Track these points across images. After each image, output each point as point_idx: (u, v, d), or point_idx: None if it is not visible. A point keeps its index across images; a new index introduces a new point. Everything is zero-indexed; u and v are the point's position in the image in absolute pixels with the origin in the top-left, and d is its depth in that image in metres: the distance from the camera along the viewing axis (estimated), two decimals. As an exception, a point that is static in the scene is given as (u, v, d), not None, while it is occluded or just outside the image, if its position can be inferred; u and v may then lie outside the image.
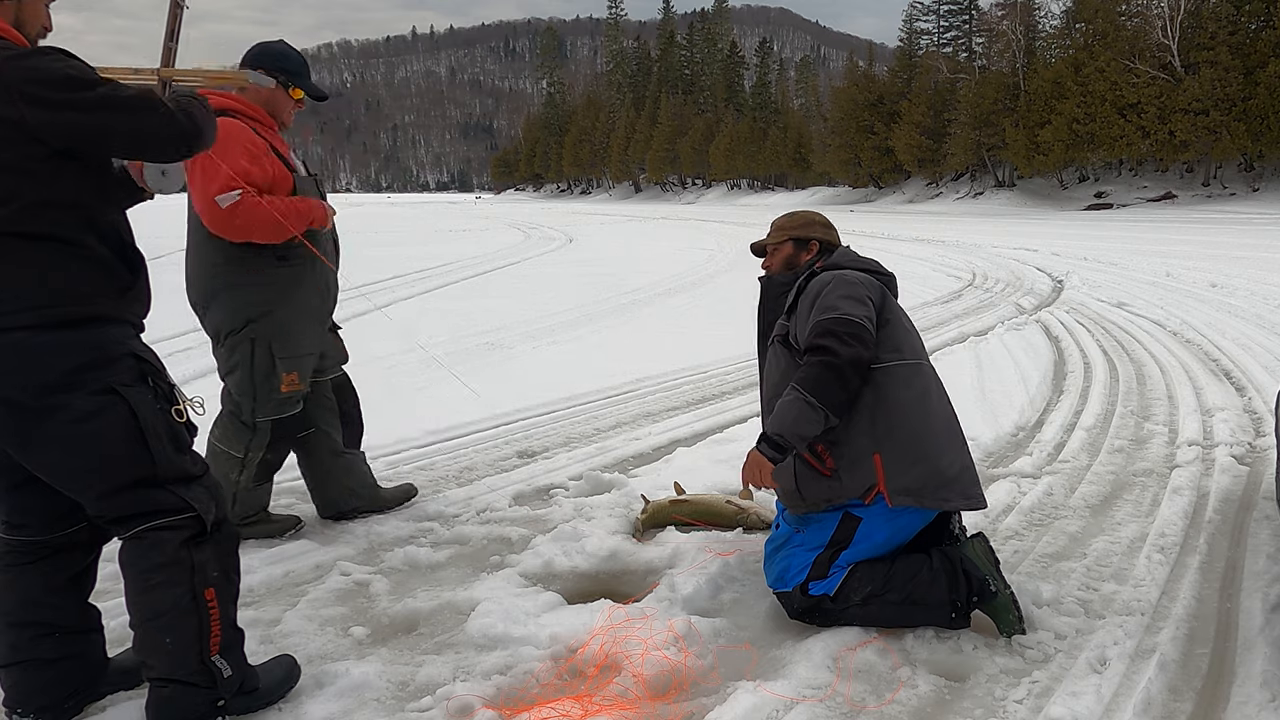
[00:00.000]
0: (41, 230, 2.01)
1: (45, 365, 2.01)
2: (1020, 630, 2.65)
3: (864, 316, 2.72)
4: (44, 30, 2.20)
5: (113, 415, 2.06)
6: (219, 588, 2.19)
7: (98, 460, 2.07)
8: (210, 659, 2.17)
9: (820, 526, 2.77)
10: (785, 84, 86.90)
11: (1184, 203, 38.13)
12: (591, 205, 70.62)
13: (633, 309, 10.27)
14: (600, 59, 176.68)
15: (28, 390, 2.00)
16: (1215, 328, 8.18)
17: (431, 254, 18.59)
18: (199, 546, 2.16)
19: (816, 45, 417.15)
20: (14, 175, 1.97)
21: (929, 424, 2.77)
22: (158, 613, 2.13)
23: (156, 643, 2.14)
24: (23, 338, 1.99)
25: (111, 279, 2.12)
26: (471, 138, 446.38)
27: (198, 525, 2.16)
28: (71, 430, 2.04)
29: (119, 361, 2.10)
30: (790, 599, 2.75)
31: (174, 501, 2.13)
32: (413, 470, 4.37)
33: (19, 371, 1.99)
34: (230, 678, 2.20)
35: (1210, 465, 4.31)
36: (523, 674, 2.50)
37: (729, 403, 5.76)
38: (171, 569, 2.12)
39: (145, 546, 2.13)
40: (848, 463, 2.72)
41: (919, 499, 2.69)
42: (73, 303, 2.04)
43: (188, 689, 2.16)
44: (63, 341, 2.02)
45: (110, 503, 2.11)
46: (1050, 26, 49.47)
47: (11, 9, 2.11)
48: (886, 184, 58.82)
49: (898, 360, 2.78)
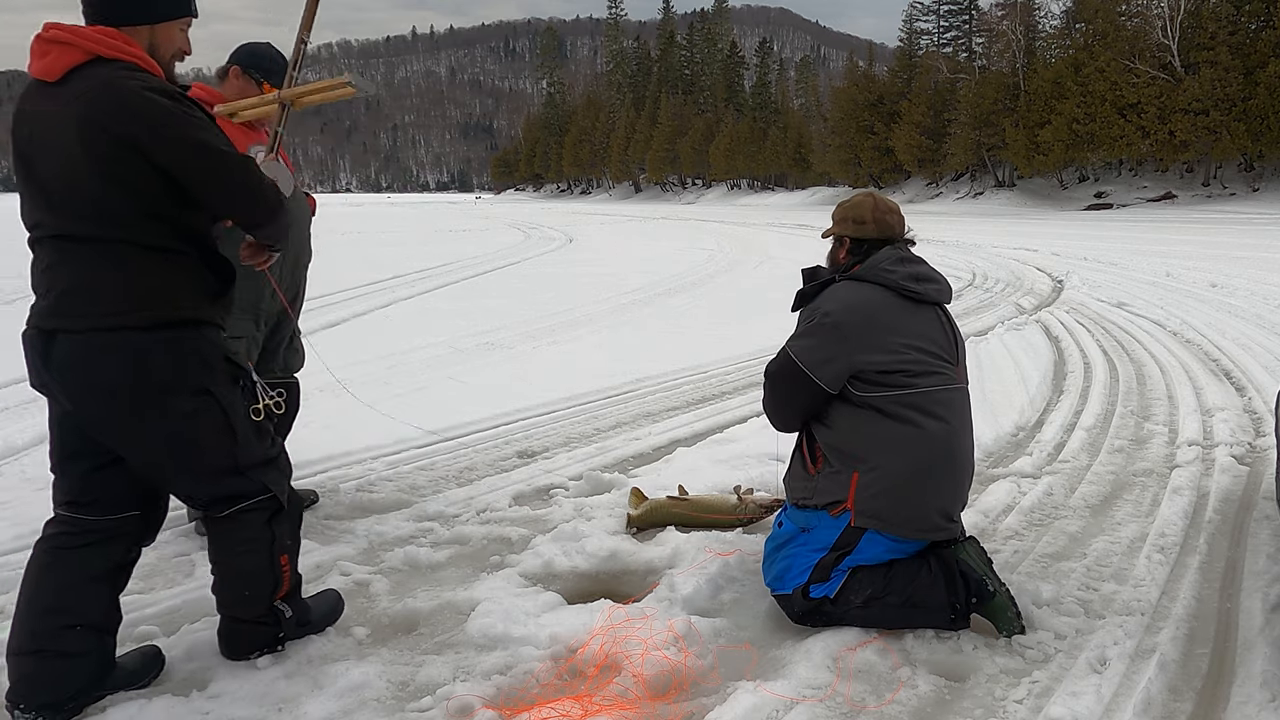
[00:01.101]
0: (151, 241, 2.23)
1: (151, 363, 2.22)
2: (1019, 630, 2.65)
3: (809, 362, 2.76)
4: (180, 54, 2.39)
5: (208, 415, 2.31)
6: (291, 552, 2.55)
7: (193, 455, 2.32)
8: (276, 604, 2.53)
9: (825, 530, 2.76)
10: (785, 84, 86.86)
11: (1184, 203, 38.13)
12: (591, 205, 70.62)
13: (633, 309, 10.26)
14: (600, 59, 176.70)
15: (133, 384, 2.21)
16: (1215, 328, 8.18)
17: (431, 254, 18.59)
18: (279, 521, 2.50)
19: (816, 45, 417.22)
20: (130, 190, 2.18)
21: (913, 467, 2.70)
22: (241, 574, 2.49)
23: (236, 594, 2.50)
24: (132, 336, 2.20)
25: (206, 286, 2.34)
26: (471, 138, 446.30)
27: (275, 504, 2.48)
28: (171, 426, 2.27)
29: (215, 364, 2.34)
30: (791, 602, 2.75)
31: (255, 487, 2.43)
32: (413, 470, 4.37)
33: (127, 367, 2.20)
34: (291, 618, 2.58)
35: (1210, 465, 4.31)
36: (523, 674, 2.50)
37: (729, 403, 5.75)
38: (256, 543, 2.46)
39: (234, 525, 2.44)
40: (829, 471, 2.79)
41: (883, 525, 2.70)
42: (176, 306, 2.26)
43: (256, 626, 2.53)
44: (167, 341, 2.24)
45: (202, 490, 2.41)
46: (1050, 26, 49.51)
47: (146, 34, 2.30)
48: (886, 184, 58.78)
49: (883, 393, 2.72)
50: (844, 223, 3.00)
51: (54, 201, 2.22)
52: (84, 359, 2.20)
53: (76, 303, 2.20)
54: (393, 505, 3.88)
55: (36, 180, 2.24)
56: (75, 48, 2.20)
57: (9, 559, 3.27)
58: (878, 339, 2.76)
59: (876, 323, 2.78)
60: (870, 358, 2.74)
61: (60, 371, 2.22)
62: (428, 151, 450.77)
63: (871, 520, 2.70)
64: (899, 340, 2.77)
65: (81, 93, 2.17)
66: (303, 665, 2.53)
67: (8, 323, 3.73)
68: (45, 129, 2.21)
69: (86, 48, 2.20)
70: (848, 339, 2.75)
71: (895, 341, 2.77)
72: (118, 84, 2.16)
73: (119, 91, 2.15)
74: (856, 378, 2.75)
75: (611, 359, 7.09)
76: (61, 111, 2.18)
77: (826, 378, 2.76)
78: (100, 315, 2.19)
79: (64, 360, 2.21)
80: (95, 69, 2.19)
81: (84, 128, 2.15)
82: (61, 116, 2.18)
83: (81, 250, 2.22)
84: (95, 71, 2.18)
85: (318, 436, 4.72)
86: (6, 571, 3.15)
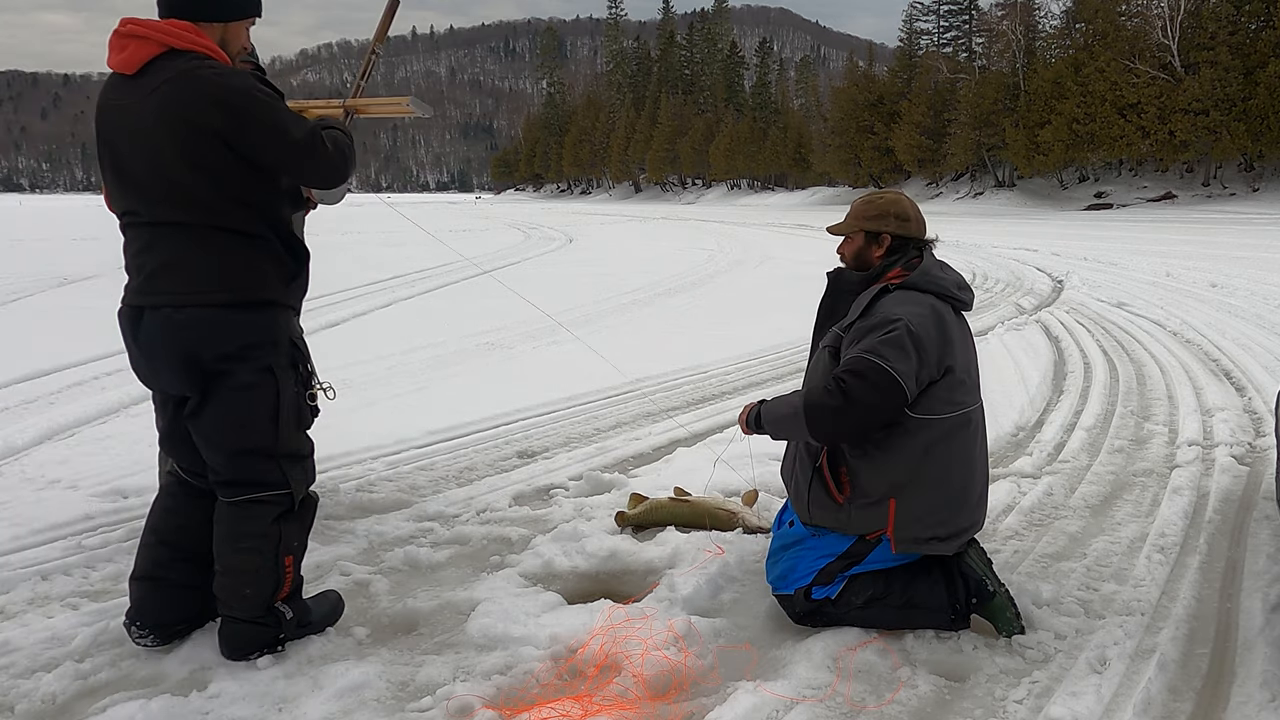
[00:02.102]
0: (233, 224, 2.36)
1: (228, 336, 2.38)
2: (1019, 629, 2.65)
3: (903, 372, 2.54)
4: (243, 49, 2.52)
5: (264, 391, 2.43)
6: (296, 554, 2.57)
7: (239, 423, 2.42)
8: (276, 605, 2.54)
9: (836, 538, 2.75)
10: (785, 84, 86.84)
11: (1184, 203, 38.13)
12: (591, 205, 70.60)
13: (633, 309, 10.26)
14: (600, 59, 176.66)
15: (211, 354, 2.37)
16: (1215, 328, 8.18)
17: (431, 254, 18.58)
18: (288, 521, 2.52)
19: (816, 45, 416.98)
20: (212, 176, 2.31)
21: (955, 486, 2.67)
22: (243, 570, 2.48)
23: (236, 592, 2.50)
24: (215, 313, 2.36)
25: (283, 268, 2.47)
26: (471, 138, 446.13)
27: (288, 502, 2.51)
28: (231, 395, 2.40)
29: (281, 345, 2.47)
30: (793, 602, 2.75)
31: (278, 477, 2.48)
32: (413, 470, 4.37)
33: (209, 339, 2.37)
34: (291, 619, 2.58)
35: (1210, 465, 4.31)
36: (523, 674, 2.50)
37: (729, 403, 5.75)
38: (261, 539, 2.48)
39: (243, 515, 2.47)
40: (862, 500, 2.66)
41: (921, 547, 2.67)
42: (254, 287, 2.40)
43: (255, 626, 2.52)
44: (244, 319, 2.39)
45: (231, 464, 2.45)
46: (1050, 26, 49.51)
47: (219, 30, 2.42)
48: (886, 184, 58.73)
49: (946, 414, 2.64)
50: (883, 218, 2.83)
51: (142, 189, 2.36)
52: (165, 331, 2.37)
53: (163, 282, 2.37)
54: (393, 505, 3.88)
55: (124, 170, 2.38)
56: (151, 41, 2.31)
57: (9, 559, 3.27)
58: (947, 353, 2.65)
59: (945, 336, 2.67)
60: (941, 372, 2.64)
61: (147, 344, 2.42)
62: (428, 151, 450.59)
63: (913, 546, 2.64)
64: (959, 354, 2.70)
65: (160, 83, 2.28)
66: (302, 665, 2.53)
67: (8, 322, 3.73)
68: (132, 119, 2.33)
69: (162, 40, 2.31)
70: (927, 351, 2.59)
71: (957, 356, 2.69)
72: (195, 73, 2.27)
73: (198, 81, 2.27)
74: (922, 394, 2.60)
75: (612, 359, 7.08)
76: (143, 102, 2.30)
77: (912, 389, 2.56)
78: (183, 293, 2.36)
79: (149, 333, 2.40)
80: (172, 60, 2.31)
81: (165, 117, 2.27)
82: (143, 107, 2.30)
83: (169, 234, 2.37)
84: (172, 63, 2.30)
85: (318, 436, 4.69)
86: (6, 572, 3.15)
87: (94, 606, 2.90)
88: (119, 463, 4.33)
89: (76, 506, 3.74)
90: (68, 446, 4.72)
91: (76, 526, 3.56)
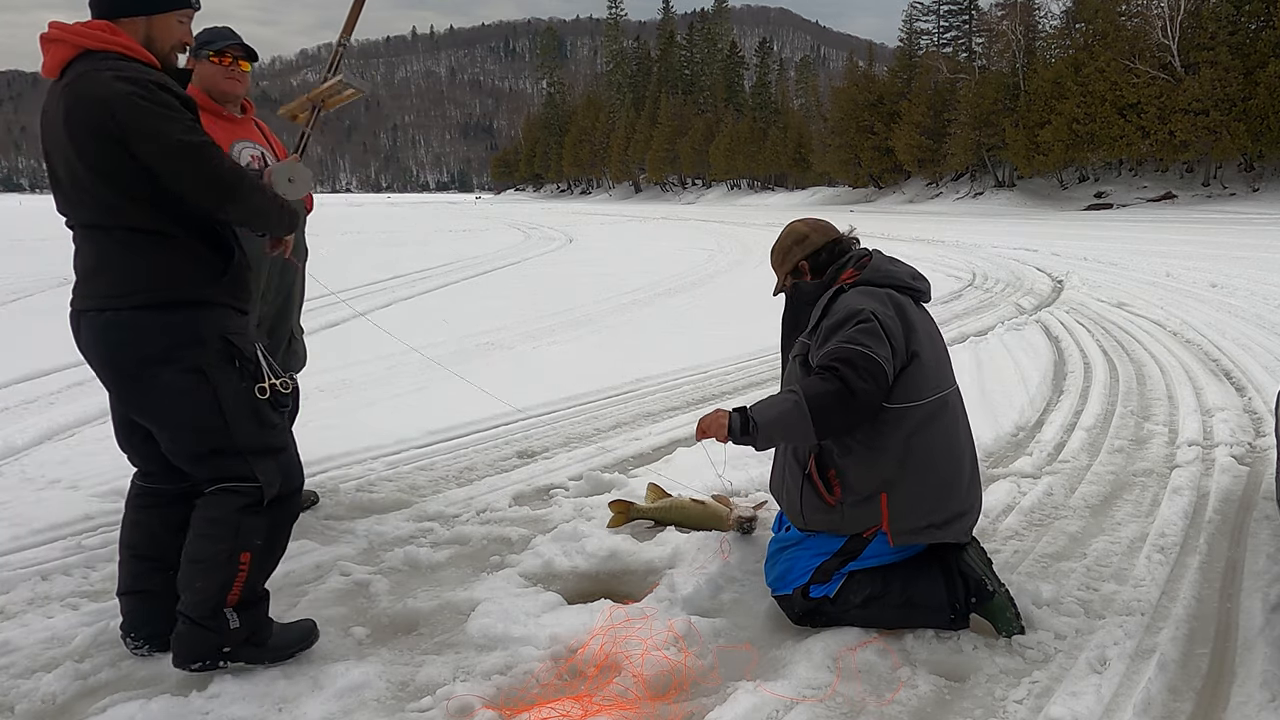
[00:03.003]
0: (147, 225, 2.30)
1: (147, 340, 2.32)
2: (1019, 630, 2.65)
3: (884, 357, 2.57)
4: (181, 44, 2.43)
5: (200, 392, 2.35)
6: (256, 554, 2.43)
7: (185, 429, 2.38)
8: (224, 609, 2.41)
9: (831, 536, 2.76)
10: (785, 84, 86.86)
11: (1184, 203, 38.12)
12: (591, 205, 70.60)
13: (633, 309, 10.26)
14: (600, 59, 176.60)
15: (132, 360, 2.33)
16: (1215, 328, 8.18)
17: (431, 254, 18.59)
18: (253, 514, 2.42)
19: (816, 45, 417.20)
20: (116, 180, 2.26)
21: (942, 471, 2.70)
22: (197, 558, 2.41)
23: (189, 581, 2.42)
24: (132, 316, 2.31)
25: (207, 266, 2.39)
26: (471, 138, 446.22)
27: (257, 495, 2.42)
28: (164, 400, 2.36)
29: (209, 343, 2.37)
30: (791, 602, 2.75)
31: (244, 470, 2.41)
32: (413, 470, 4.37)
33: (127, 344, 2.32)
34: (237, 630, 2.43)
35: (1210, 465, 4.31)
36: (523, 674, 2.50)
37: (729, 403, 5.73)
38: (220, 526, 2.40)
39: (213, 501, 2.42)
40: (854, 498, 2.69)
41: (921, 537, 2.69)
42: (173, 287, 2.33)
43: (198, 628, 2.41)
44: (163, 321, 2.32)
45: (196, 466, 2.43)
46: (1050, 26, 49.50)
47: (141, 26, 2.34)
48: (886, 184, 58.79)
49: (920, 400, 2.66)
50: (789, 254, 2.98)
51: (66, 193, 2.36)
52: (96, 336, 2.36)
53: (90, 286, 2.37)
54: (393, 505, 3.88)
55: (53, 174, 2.37)
56: (66, 43, 2.29)
57: (9, 559, 3.27)
58: (911, 339, 2.69)
59: (908, 323, 2.71)
60: (908, 358, 2.66)
61: (85, 349, 2.41)
62: (428, 152, 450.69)
63: (911, 536, 2.67)
64: (924, 341, 2.73)
65: (66, 86, 2.26)
66: (302, 665, 2.53)
67: (8, 323, 3.73)
68: (50, 124, 2.33)
69: (75, 42, 2.28)
70: (895, 337, 2.64)
71: (922, 342, 2.72)
72: (93, 77, 2.24)
73: (94, 85, 2.22)
74: (895, 384, 2.62)
75: (611, 359, 7.09)
76: (56, 107, 2.29)
77: (891, 375, 2.59)
78: (107, 296, 2.33)
79: (85, 338, 2.39)
80: (82, 63, 2.27)
81: (68, 121, 2.25)
82: (57, 112, 2.29)
83: (91, 237, 2.36)
84: (80, 65, 2.27)
85: (318, 436, 4.71)
86: (6, 572, 3.15)
87: (94, 606, 2.90)
88: (119, 463, 4.28)
89: (76, 506, 3.74)
90: (68, 446, 4.72)
91: (76, 526, 3.57)
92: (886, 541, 2.71)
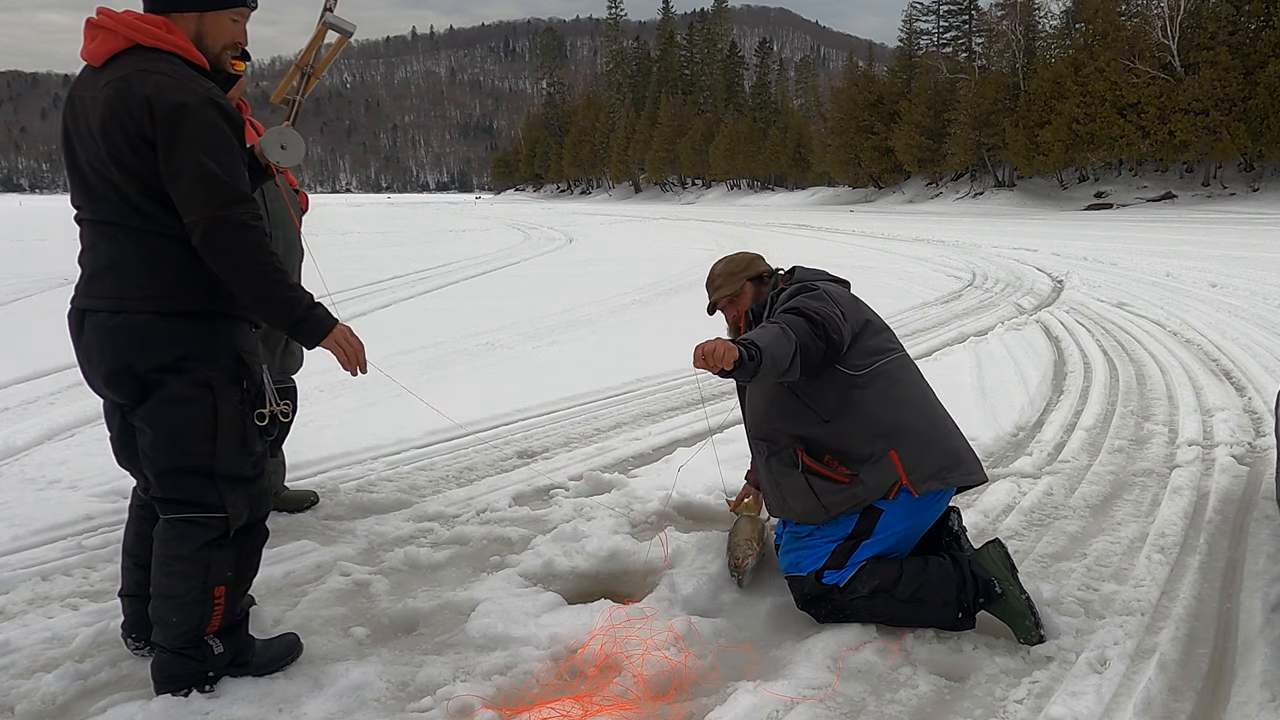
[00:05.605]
0: (172, 230, 2.23)
1: (162, 346, 2.26)
2: (1038, 640, 2.61)
3: (833, 313, 2.75)
4: (234, 44, 2.36)
5: (200, 406, 2.29)
6: (229, 585, 2.38)
7: (172, 439, 2.29)
8: (205, 637, 2.37)
9: (843, 520, 2.77)
10: (785, 84, 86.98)
11: (1184, 203, 38.14)
12: (591, 205, 70.61)
13: (633, 309, 10.26)
14: (600, 59, 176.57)
15: (145, 364, 2.26)
16: (1215, 328, 8.18)
17: (431, 254, 18.59)
18: (220, 548, 2.35)
19: (816, 45, 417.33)
20: (146, 183, 2.19)
21: (930, 411, 2.89)
22: (169, 595, 2.34)
23: (165, 616, 2.35)
24: (149, 320, 2.25)
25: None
26: (471, 138, 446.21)
27: (223, 527, 2.34)
28: (165, 408, 2.28)
29: (221, 358, 2.32)
30: (801, 583, 2.75)
31: (213, 499, 2.32)
32: (413, 470, 4.37)
33: (142, 347, 2.25)
34: (221, 655, 2.40)
35: (1210, 465, 4.31)
36: (523, 674, 2.50)
37: (729, 403, 5.74)
38: (190, 563, 2.32)
39: (175, 535, 2.33)
40: (866, 467, 2.74)
41: (943, 481, 2.75)
42: (192, 295, 2.27)
43: (182, 658, 2.36)
44: (179, 328, 2.27)
45: (165, 481, 2.32)
46: (1050, 26, 49.55)
47: (193, 22, 2.27)
48: (886, 184, 58.82)
49: (886, 359, 2.86)
50: (755, 261, 3.22)
51: (89, 187, 2.27)
52: (104, 337, 2.28)
53: (100, 285, 2.29)
54: (393, 505, 3.88)
55: (75, 164, 2.29)
56: (116, 34, 2.20)
57: (9, 559, 3.27)
58: (859, 309, 2.92)
59: (851, 298, 2.97)
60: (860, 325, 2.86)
61: (87, 348, 2.33)
62: (428, 152, 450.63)
63: (933, 482, 2.74)
64: (868, 312, 2.96)
65: (111, 81, 2.18)
66: (303, 665, 2.53)
67: (8, 322, 3.73)
68: (84, 114, 2.24)
69: (126, 34, 2.20)
70: (842, 305, 2.83)
71: (867, 312, 2.95)
72: (140, 79, 2.15)
73: (140, 86, 2.14)
74: (852, 351, 2.79)
75: (611, 359, 7.09)
76: (95, 98, 2.20)
77: (846, 333, 2.76)
78: (120, 298, 2.26)
79: (90, 338, 2.31)
80: (131, 57, 2.19)
81: (105, 116, 2.17)
82: (95, 103, 2.20)
83: (109, 235, 2.27)
84: (129, 60, 2.19)
85: (318, 436, 4.72)
86: (6, 572, 3.15)
87: (94, 607, 2.90)
88: (119, 463, 4.32)
89: (76, 506, 3.74)
90: (68, 446, 4.72)
91: (76, 526, 3.57)
92: (899, 518, 2.72)
